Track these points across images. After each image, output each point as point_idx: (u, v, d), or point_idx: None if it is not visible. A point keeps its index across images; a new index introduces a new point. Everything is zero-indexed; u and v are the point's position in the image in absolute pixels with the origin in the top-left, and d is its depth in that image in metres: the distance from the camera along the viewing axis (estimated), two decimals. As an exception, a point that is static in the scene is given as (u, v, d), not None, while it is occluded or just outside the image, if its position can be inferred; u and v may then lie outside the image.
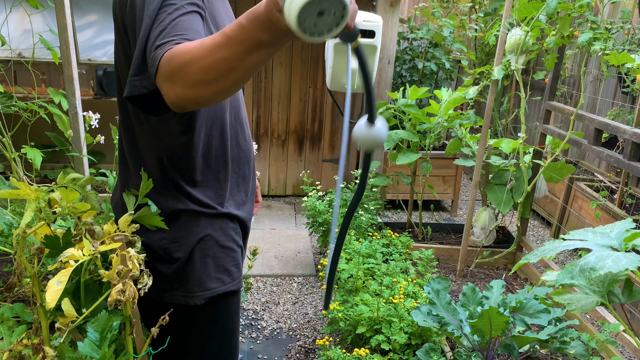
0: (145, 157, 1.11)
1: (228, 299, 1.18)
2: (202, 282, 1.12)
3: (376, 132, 0.85)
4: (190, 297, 1.13)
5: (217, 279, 1.14)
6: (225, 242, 1.15)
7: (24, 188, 1.02)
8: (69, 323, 1.07)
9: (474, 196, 3.06)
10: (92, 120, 2.17)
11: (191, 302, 1.12)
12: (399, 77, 4.21)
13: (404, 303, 2.22)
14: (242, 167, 1.19)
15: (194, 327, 1.17)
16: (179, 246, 1.11)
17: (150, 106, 0.90)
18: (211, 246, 1.13)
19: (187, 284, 1.12)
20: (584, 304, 1.41)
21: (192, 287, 1.12)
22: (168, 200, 1.11)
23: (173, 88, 0.78)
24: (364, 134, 0.86)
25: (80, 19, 3.42)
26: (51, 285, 0.97)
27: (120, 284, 1.03)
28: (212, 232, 1.13)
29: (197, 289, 1.12)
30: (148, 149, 1.10)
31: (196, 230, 1.11)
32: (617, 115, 3.65)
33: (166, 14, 0.84)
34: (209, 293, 1.13)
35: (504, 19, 2.78)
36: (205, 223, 1.12)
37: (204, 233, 1.12)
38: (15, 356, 1.11)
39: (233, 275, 1.17)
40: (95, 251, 1.05)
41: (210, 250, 1.13)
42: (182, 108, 0.82)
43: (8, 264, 2.58)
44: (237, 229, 1.19)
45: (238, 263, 1.19)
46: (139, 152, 1.11)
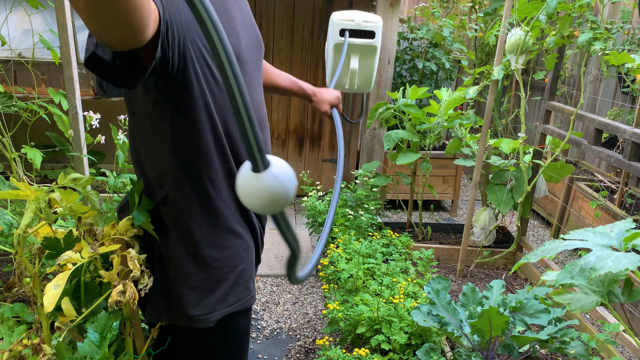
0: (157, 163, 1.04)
1: (237, 319, 1.10)
2: (203, 304, 1.05)
3: (267, 180, 0.52)
4: (202, 320, 1.05)
5: (228, 299, 1.07)
6: (235, 261, 1.08)
7: (24, 188, 1.02)
8: (68, 322, 1.07)
9: (474, 196, 3.07)
10: (93, 120, 2.17)
11: (198, 325, 1.05)
12: (399, 77, 4.21)
13: (404, 303, 2.22)
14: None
15: (199, 349, 1.11)
16: None
17: (117, 75, 0.80)
18: (218, 266, 1.05)
19: (188, 305, 1.04)
20: (584, 304, 1.41)
21: (191, 310, 1.04)
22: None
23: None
24: (249, 188, 0.54)
25: (80, 19, 3.43)
26: (49, 289, 0.97)
27: (121, 285, 1.03)
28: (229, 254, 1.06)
29: (211, 310, 1.05)
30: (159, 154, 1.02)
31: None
32: (617, 115, 3.65)
33: None
34: (218, 315, 1.05)
35: (504, 19, 2.78)
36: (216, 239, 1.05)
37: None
38: (15, 356, 1.11)
39: (239, 295, 1.09)
40: (93, 253, 1.05)
41: (224, 269, 1.06)
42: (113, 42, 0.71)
43: (8, 264, 2.58)
44: (246, 244, 1.11)
45: (245, 281, 1.10)
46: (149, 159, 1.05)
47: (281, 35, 4.00)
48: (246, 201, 0.54)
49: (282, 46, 4.03)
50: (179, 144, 0.99)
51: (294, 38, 4.04)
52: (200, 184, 1.02)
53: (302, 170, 4.36)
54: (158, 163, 1.03)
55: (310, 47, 4.07)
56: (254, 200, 0.53)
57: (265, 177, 0.53)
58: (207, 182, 1.02)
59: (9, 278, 2.43)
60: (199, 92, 0.96)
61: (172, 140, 0.99)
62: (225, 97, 1.01)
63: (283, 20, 3.98)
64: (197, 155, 1.00)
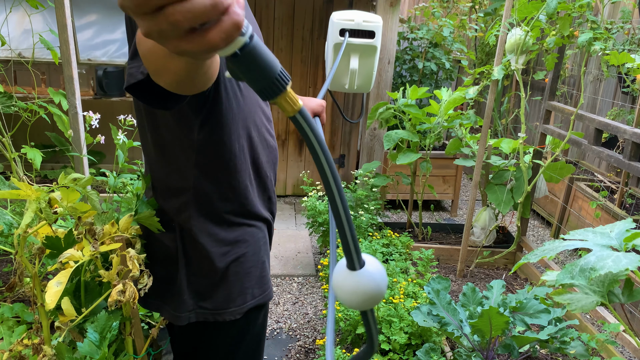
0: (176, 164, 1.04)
1: (260, 311, 1.13)
2: (231, 298, 1.07)
3: (364, 279, 0.53)
4: (220, 314, 1.07)
5: (246, 294, 1.09)
6: (258, 254, 1.11)
7: (24, 188, 1.02)
8: (68, 322, 1.07)
9: (474, 196, 3.07)
10: (93, 120, 2.17)
11: (220, 319, 1.07)
12: (399, 77, 4.21)
13: (404, 303, 2.22)
14: (269, 168, 1.15)
15: (217, 343, 1.12)
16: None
17: (156, 99, 0.81)
18: (243, 261, 1.08)
19: (215, 302, 1.07)
20: (584, 304, 1.41)
21: (221, 304, 1.07)
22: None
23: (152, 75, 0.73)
24: (347, 286, 0.53)
25: (80, 19, 3.42)
26: (51, 286, 0.97)
27: (121, 285, 1.03)
28: (246, 246, 1.09)
29: (226, 306, 1.07)
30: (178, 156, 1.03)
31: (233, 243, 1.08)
32: (617, 115, 3.65)
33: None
34: (238, 309, 1.08)
35: (504, 19, 2.78)
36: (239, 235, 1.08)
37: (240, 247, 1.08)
38: (15, 356, 1.11)
39: (263, 288, 1.12)
40: (95, 252, 1.05)
41: (244, 264, 1.08)
42: (177, 92, 0.75)
43: (8, 264, 2.58)
44: (265, 237, 1.15)
45: (267, 273, 1.14)
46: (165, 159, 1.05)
47: (281, 35, 4.01)
48: (343, 297, 0.54)
49: (282, 46, 4.03)
50: (204, 154, 1.00)
51: (294, 38, 4.04)
52: (223, 186, 1.04)
53: (302, 170, 4.36)
54: (176, 171, 1.04)
55: (310, 47, 4.07)
56: (351, 297, 0.54)
57: (361, 276, 0.53)
58: (231, 184, 1.05)
59: (9, 278, 2.43)
60: (227, 105, 0.98)
61: (197, 150, 0.99)
62: (249, 106, 1.04)
63: (283, 20, 3.98)
64: (221, 164, 1.02)
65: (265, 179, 1.13)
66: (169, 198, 1.07)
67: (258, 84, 0.45)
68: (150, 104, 0.81)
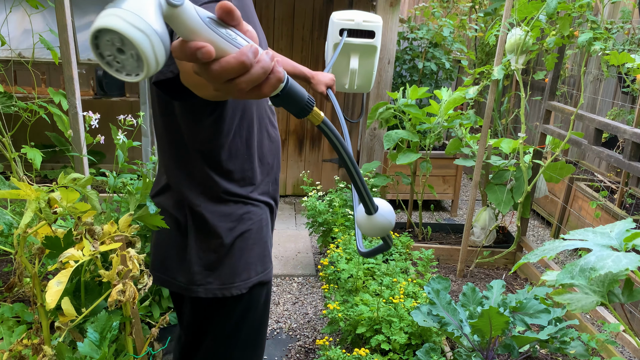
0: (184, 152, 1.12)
1: (259, 290, 1.20)
2: (237, 273, 1.15)
3: (378, 219, 0.81)
4: (227, 289, 1.14)
5: (250, 270, 1.17)
6: (261, 233, 1.19)
7: (24, 188, 1.02)
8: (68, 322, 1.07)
9: (474, 196, 3.06)
10: (92, 120, 2.16)
11: (227, 294, 1.14)
12: (399, 77, 4.21)
13: (404, 303, 2.22)
14: (272, 157, 1.22)
15: (223, 318, 1.19)
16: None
17: (178, 93, 0.90)
18: (247, 237, 1.16)
19: (222, 276, 1.14)
20: (584, 304, 1.41)
21: (227, 279, 1.14)
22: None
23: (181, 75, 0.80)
24: (367, 226, 0.82)
25: (80, 19, 3.42)
26: (51, 286, 0.97)
27: (121, 284, 1.03)
28: (251, 223, 1.16)
29: (232, 280, 1.14)
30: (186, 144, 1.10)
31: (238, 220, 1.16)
32: (617, 115, 3.65)
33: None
34: (243, 284, 1.15)
35: (504, 19, 2.78)
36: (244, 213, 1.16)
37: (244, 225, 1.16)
38: (15, 356, 1.11)
39: (265, 265, 1.20)
40: (95, 251, 1.05)
41: (248, 240, 1.16)
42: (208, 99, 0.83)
43: (8, 264, 2.58)
44: (267, 220, 1.22)
45: (269, 253, 1.22)
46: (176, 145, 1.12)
47: (281, 35, 4.01)
48: (365, 231, 0.83)
49: (282, 46, 4.03)
50: (211, 140, 1.07)
51: (294, 38, 4.04)
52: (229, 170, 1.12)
53: (302, 171, 4.36)
54: (185, 156, 1.11)
55: (310, 47, 4.07)
56: (370, 231, 0.82)
57: (377, 219, 0.80)
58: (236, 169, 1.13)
59: (9, 278, 2.43)
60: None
61: (205, 136, 1.07)
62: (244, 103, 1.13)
63: (283, 20, 3.98)
64: (227, 150, 1.10)
65: (268, 166, 1.21)
66: (180, 180, 1.13)
67: (293, 110, 0.65)
68: (173, 98, 0.90)
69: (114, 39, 0.52)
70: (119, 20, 0.51)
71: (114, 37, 0.52)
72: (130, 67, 0.54)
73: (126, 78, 0.55)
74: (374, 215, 0.80)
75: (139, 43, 0.51)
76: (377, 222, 0.80)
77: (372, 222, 0.80)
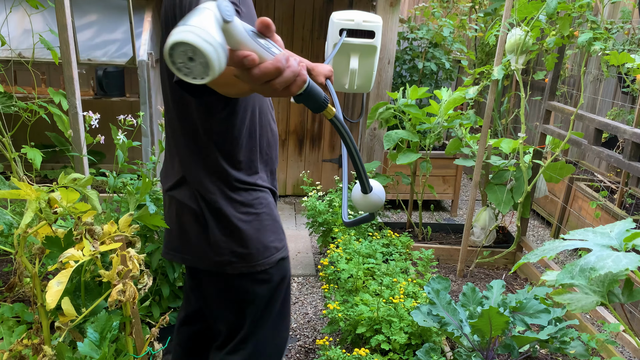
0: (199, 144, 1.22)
1: (285, 263, 1.34)
2: (259, 252, 1.27)
3: (372, 198, 0.99)
4: (253, 266, 1.26)
5: (273, 247, 1.30)
6: (273, 214, 1.32)
7: (25, 188, 1.02)
8: (68, 322, 1.07)
9: (474, 196, 3.06)
10: (92, 120, 2.16)
11: (253, 270, 1.26)
12: (399, 77, 4.21)
13: (404, 303, 2.22)
14: (271, 149, 1.33)
15: (253, 294, 1.30)
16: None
17: (197, 91, 1.00)
18: (262, 219, 1.28)
19: (246, 257, 1.25)
20: (584, 304, 1.41)
21: (254, 257, 1.26)
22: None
23: None
24: (362, 202, 1.00)
25: (80, 19, 3.42)
26: (51, 286, 0.97)
27: (121, 284, 1.03)
28: (266, 206, 1.29)
29: (259, 258, 1.27)
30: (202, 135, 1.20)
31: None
32: (617, 115, 3.65)
33: None
34: (266, 261, 1.28)
35: (504, 19, 2.78)
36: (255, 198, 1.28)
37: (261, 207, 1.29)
38: (16, 356, 1.11)
39: (282, 242, 1.33)
40: (95, 251, 1.05)
41: (264, 222, 1.28)
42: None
43: (8, 264, 2.58)
44: (274, 203, 1.35)
45: (283, 231, 1.36)
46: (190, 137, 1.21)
47: (281, 35, 4.01)
48: (361, 208, 1.01)
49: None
50: (221, 133, 1.18)
51: (294, 38, 4.04)
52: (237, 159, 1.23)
53: (302, 171, 4.36)
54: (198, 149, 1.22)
55: (310, 47, 4.07)
56: (365, 208, 1.00)
57: (371, 197, 0.98)
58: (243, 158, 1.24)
59: (9, 278, 2.43)
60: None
61: (216, 130, 1.18)
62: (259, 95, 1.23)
63: (283, 20, 3.98)
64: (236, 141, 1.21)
65: (267, 157, 1.32)
66: (195, 171, 1.22)
67: (312, 106, 0.80)
68: (191, 95, 1.01)
69: (187, 50, 0.64)
70: (192, 35, 0.63)
71: (188, 48, 0.63)
72: (197, 72, 0.66)
73: (193, 81, 0.67)
74: (369, 194, 0.98)
75: (208, 53, 0.63)
76: (372, 200, 0.98)
77: (368, 200, 0.98)
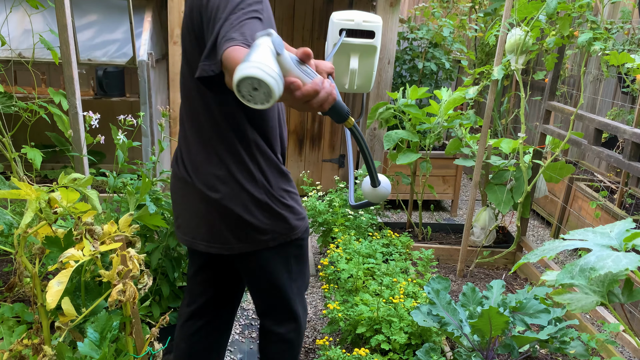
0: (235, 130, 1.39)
1: (305, 234, 1.54)
2: (299, 220, 1.49)
3: (380, 190, 1.20)
4: (295, 233, 1.48)
5: (303, 216, 1.52)
6: (296, 190, 1.53)
7: (25, 188, 1.03)
8: (68, 322, 1.07)
9: (474, 196, 3.07)
10: (92, 120, 2.16)
11: (293, 237, 1.48)
12: (399, 77, 4.21)
13: (404, 303, 2.22)
14: (284, 140, 1.53)
15: (286, 260, 1.52)
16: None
17: (216, 86, 1.16)
18: (294, 196, 1.50)
19: (291, 225, 1.47)
20: (584, 304, 1.42)
21: (295, 228, 1.48)
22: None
23: (226, 77, 1.09)
24: (371, 194, 1.21)
25: (80, 19, 3.42)
26: (51, 286, 0.97)
27: (121, 284, 1.03)
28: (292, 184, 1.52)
29: (296, 227, 1.48)
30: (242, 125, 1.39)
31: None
32: (617, 115, 3.66)
33: (236, 15, 1.16)
34: (299, 230, 1.49)
35: (504, 19, 2.78)
36: (288, 178, 1.50)
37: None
38: (16, 356, 1.11)
39: (304, 213, 1.54)
40: (95, 251, 1.05)
41: (295, 197, 1.51)
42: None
43: (8, 264, 2.58)
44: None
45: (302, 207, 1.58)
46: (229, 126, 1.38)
47: (281, 35, 3.98)
48: (371, 199, 1.23)
49: (282, 46, 4.03)
50: (260, 120, 1.39)
51: (294, 38, 4.04)
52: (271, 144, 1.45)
53: (302, 171, 4.36)
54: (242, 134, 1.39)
55: (310, 47, 4.06)
56: (375, 199, 1.22)
57: (380, 190, 1.20)
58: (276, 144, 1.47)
59: (9, 278, 2.43)
60: None
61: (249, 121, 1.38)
62: None
63: (283, 20, 3.98)
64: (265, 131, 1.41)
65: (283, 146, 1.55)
66: (241, 159, 1.39)
67: (336, 118, 0.95)
68: (212, 91, 1.18)
69: (254, 82, 0.77)
70: (258, 70, 0.77)
71: (254, 81, 0.77)
72: (259, 99, 0.80)
73: (255, 106, 0.81)
74: (378, 188, 1.19)
75: (271, 84, 0.77)
76: (380, 192, 1.20)
77: (376, 192, 1.20)
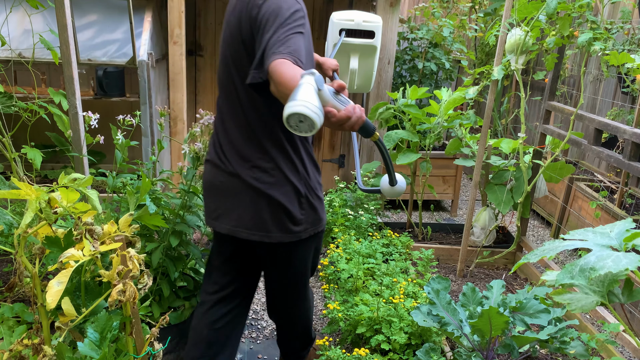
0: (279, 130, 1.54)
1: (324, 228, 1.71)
2: (323, 217, 1.66)
3: (397, 188, 1.46)
4: (317, 227, 1.63)
5: (325, 211, 1.68)
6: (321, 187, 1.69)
7: (25, 188, 1.03)
8: (68, 322, 1.07)
9: (474, 196, 3.07)
10: (92, 120, 2.16)
11: (319, 229, 1.65)
12: (399, 77, 4.21)
13: (404, 303, 2.22)
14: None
15: (311, 252, 1.71)
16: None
17: (264, 90, 1.35)
18: (321, 189, 1.66)
19: (318, 221, 1.64)
20: (584, 304, 1.42)
21: (321, 221, 1.65)
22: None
23: (271, 85, 1.26)
24: (389, 191, 1.47)
25: (80, 19, 3.42)
26: (51, 286, 0.97)
27: (121, 284, 1.03)
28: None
29: (320, 223, 1.64)
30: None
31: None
32: (617, 115, 3.66)
33: (283, 30, 1.32)
34: (322, 224, 1.66)
35: (504, 19, 2.78)
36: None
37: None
38: (16, 356, 1.11)
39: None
40: (95, 251, 1.05)
41: (322, 191, 1.66)
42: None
43: (8, 264, 2.58)
44: None
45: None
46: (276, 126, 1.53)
47: (281, 35, 4.00)
48: (388, 195, 1.48)
49: (282, 46, 4.02)
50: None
51: (294, 38, 4.03)
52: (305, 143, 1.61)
53: (302, 170, 4.35)
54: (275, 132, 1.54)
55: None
56: (391, 195, 1.47)
57: (397, 188, 1.47)
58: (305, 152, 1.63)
59: (9, 278, 2.43)
60: None
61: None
62: None
63: (283, 20, 3.97)
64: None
65: None
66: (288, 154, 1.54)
67: (364, 134, 1.20)
68: (260, 94, 1.42)
69: (300, 117, 1.01)
70: (304, 108, 1.00)
71: (300, 116, 1.01)
72: (304, 129, 1.05)
73: (300, 134, 1.07)
74: (395, 186, 1.45)
75: (314, 119, 1.01)
76: (396, 190, 1.46)
77: (393, 190, 1.45)
